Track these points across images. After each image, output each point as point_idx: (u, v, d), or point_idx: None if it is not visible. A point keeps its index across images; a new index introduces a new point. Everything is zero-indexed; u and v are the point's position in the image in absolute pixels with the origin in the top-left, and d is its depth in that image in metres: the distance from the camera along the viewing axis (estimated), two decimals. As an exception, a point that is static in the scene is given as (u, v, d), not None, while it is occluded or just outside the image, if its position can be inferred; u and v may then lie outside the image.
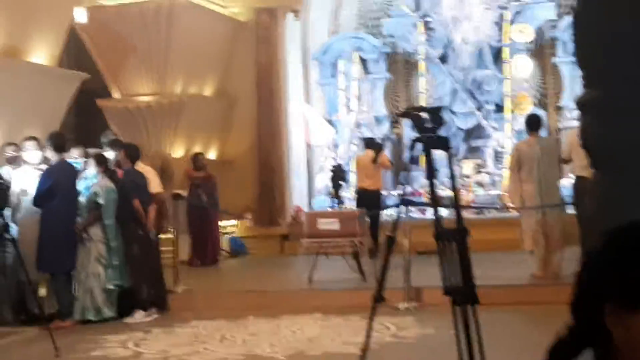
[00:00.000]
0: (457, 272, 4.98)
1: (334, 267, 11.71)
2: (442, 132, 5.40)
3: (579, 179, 10.22)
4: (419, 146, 5.18)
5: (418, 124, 5.33)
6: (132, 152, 10.18)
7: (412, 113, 5.49)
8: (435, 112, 5.40)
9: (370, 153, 14.35)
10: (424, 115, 5.34)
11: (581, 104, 2.75)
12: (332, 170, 14.14)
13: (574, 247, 9.91)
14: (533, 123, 10.36)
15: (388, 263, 5.34)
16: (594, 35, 2.64)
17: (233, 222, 16.51)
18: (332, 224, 11.15)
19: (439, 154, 5.23)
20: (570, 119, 16.87)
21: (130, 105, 15.82)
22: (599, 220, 2.92)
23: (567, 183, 12.58)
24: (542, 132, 12.07)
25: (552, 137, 13.25)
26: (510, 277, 10.78)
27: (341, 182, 13.73)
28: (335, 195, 13.54)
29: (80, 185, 9.69)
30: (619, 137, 2.95)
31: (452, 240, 5.05)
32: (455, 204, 5.40)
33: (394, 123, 5.13)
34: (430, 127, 5.25)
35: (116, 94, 16.20)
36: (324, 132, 18.08)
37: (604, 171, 3.05)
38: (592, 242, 2.16)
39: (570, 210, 11.14)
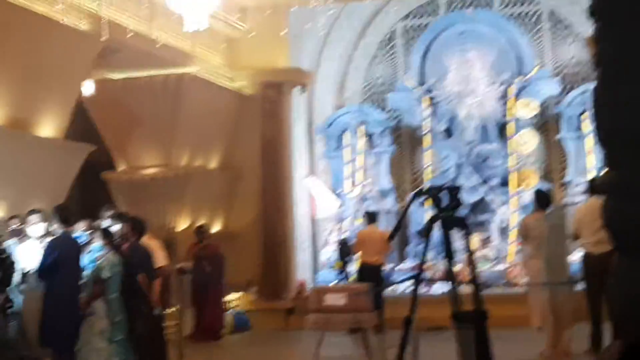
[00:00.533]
0: (472, 355, 5.03)
1: (340, 344, 11.70)
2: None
3: (587, 255, 10.32)
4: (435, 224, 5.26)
5: (437, 203, 5.47)
6: (138, 226, 10.21)
7: (432, 191, 5.59)
8: (454, 192, 5.54)
9: (375, 228, 14.44)
10: (443, 194, 5.48)
11: (604, 184, 2.77)
12: (339, 244, 14.13)
13: (582, 325, 10.05)
14: (541, 199, 10.47)
15: (406, 344, 5.39)
16: (617, 119, 2.67)
17: (236, 295, 16.41)
18: (339, 299, 10.99)
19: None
20: (576, 195, 17.02)
21: (135, 177, 16.05)
22: (628, 307, 2.91)
23: (575, 259, 12.58)
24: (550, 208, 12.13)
25: (559, 212, 13.30)
26: (520, 355, 10.66)
27: (348, 256, 13.75)
28: (342, 269, 13.58)
29: (85, 258, 9.68)
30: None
31: (471, 322, 5.10)
32: (474, 284, 5.41)
33: (412, 199, 5.23)
34: (449, 206, 5.39)
35: (121, 167, 16.40)
36: (330, 205, 18.12)
37: (629, 256, 3.03)
38: (624, 331, 2.18)
39: (579, 287, 11.01)
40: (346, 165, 18.78)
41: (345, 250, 13.64)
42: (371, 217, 14.97)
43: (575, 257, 12.85)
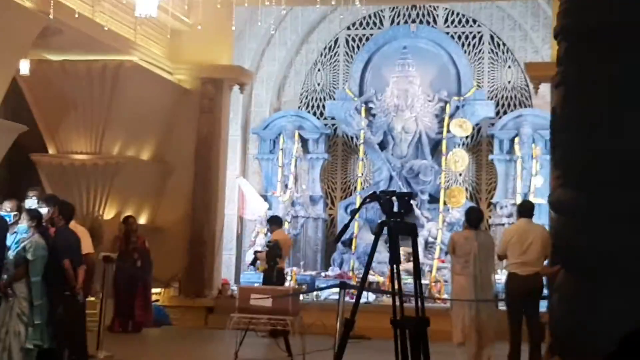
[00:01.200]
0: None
1: (260, 345, 11.84)
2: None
3: (511, 275, 10.61)
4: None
5: (387, 208, 5.41)
6: (66, 210, 10.07)
7: (382, 197, 5.52)
8: (405, 198, 5.51)
9: (283, 231, 14.81)
10: (393, 199, 5.43)
11: (556, 203, 2.88)
12: (268, 246, 14.12)
13: (503, 343, 10.37)
14: (474, 219, 10.66)
15: (344, 347, 5.35)
16: (576, 143, 2.74)
17: (157, 290, 16.27)
18: (265, 301, 11.16)
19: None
20: (502, 216, 17.60)
21: (65, 162, 15.78)
22: (569, 321, 3.00)
23: (499, 279, 12.72)
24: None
25: (487, 232, 13.66)
26: None
27: (277, 259, 13.68)
28: (270, 271, 13.76)
29: (10, 239, 9.49)
30: (596, 244, 3.01)
31: (410, 329, 5.15)
32: (417, 292, 5.39)
33: (361, 205, 5.27)
34: (398, 212, 5.35)
35: (52, 150, 16.16)
36: (258, 207, 18.11)
37: (575, 274, 3.11)
38: (566, 349, 2.33)
39: (502, 306, 11.42)
40: (279, 168, 18.84)
41: (275, 252, 13.62)
42: (277, 221, 14.90)
43: (500, 276, 13.34)
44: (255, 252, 15.90)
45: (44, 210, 10.18)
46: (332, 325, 10.53)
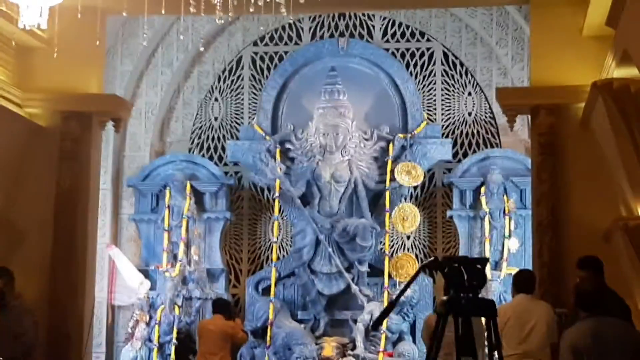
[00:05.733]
0: None
1: None
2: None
3: None
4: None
5: (456, 280, 5.64)
6: None
7: (446, 264, 5.67)
8: (478, 266, 5.71)
9: (220, 319, 14.96)
10: (463, 269, 5.66)
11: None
12: (178, 339, 14.84)
13: None
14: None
15: None
16: None
17: None
18: None
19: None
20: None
21: None
22: None
23: None
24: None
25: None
26: None
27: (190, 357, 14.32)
28: None
29: None
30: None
31: None
32: None
33: (415, 275, 4.82)
34: (470, 286, 5.54)
35: None
36: (135, 286, 17.39)
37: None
38: None
39: None
40: (165, 233, 18.17)
41: (188, 346, 15.06)
42: (218, 306, 15.56)
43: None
44: None
45: None
46: None
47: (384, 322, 18.00)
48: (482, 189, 18.23)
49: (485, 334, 5.62)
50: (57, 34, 15.03)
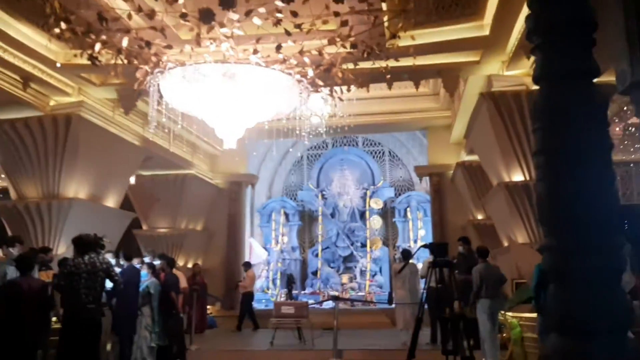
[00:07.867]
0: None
1: (284, 336, 11.13)
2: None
3: (429, 288, 9.96)
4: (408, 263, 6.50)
5: (434, 252, 5.49)
6: (170, 262, 10.05)
7: (430, 245, 5.62)
8: (443, 246, 5.60)
9: (252, 270, 14.22)
10: (435, 247, 5.60)
11: (543, 248, 2.91)
12: (288, 277, 14.85)
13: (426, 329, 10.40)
14: (406, 255, 10.45)
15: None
16: (553, 201, 2.62)
17: (209, 306, 15.48)
18: (290, 309, 11.10)
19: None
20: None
21: (153, 234, 16.41)
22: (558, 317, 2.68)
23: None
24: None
25: (414, 263, 12.15)
26: (390, 345, 10.47)
27: (292, 284, 13.98)
28: (289, 293, 14.31)
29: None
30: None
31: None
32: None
33: (418, 249, 5.13)
34: (441, 253, 5.48)
35: (145, 227, 16.78)
36: (261, 254, 18.98)
37: (556, 283, 2.62)
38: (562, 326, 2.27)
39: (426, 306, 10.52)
40: (272, 231, 19.52)
41: (291, 280, 13.78)
42: (248, 265, 14.19)
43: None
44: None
45: (157, 262, 10.20)
46: (329, 322, 10.30)
47: (368, 266, 18.17)
48: (408, 209, 19.04)
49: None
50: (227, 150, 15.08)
